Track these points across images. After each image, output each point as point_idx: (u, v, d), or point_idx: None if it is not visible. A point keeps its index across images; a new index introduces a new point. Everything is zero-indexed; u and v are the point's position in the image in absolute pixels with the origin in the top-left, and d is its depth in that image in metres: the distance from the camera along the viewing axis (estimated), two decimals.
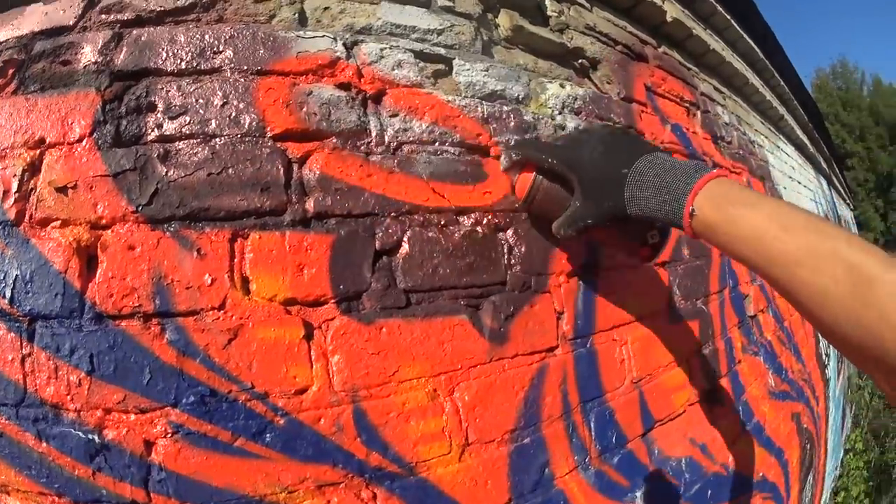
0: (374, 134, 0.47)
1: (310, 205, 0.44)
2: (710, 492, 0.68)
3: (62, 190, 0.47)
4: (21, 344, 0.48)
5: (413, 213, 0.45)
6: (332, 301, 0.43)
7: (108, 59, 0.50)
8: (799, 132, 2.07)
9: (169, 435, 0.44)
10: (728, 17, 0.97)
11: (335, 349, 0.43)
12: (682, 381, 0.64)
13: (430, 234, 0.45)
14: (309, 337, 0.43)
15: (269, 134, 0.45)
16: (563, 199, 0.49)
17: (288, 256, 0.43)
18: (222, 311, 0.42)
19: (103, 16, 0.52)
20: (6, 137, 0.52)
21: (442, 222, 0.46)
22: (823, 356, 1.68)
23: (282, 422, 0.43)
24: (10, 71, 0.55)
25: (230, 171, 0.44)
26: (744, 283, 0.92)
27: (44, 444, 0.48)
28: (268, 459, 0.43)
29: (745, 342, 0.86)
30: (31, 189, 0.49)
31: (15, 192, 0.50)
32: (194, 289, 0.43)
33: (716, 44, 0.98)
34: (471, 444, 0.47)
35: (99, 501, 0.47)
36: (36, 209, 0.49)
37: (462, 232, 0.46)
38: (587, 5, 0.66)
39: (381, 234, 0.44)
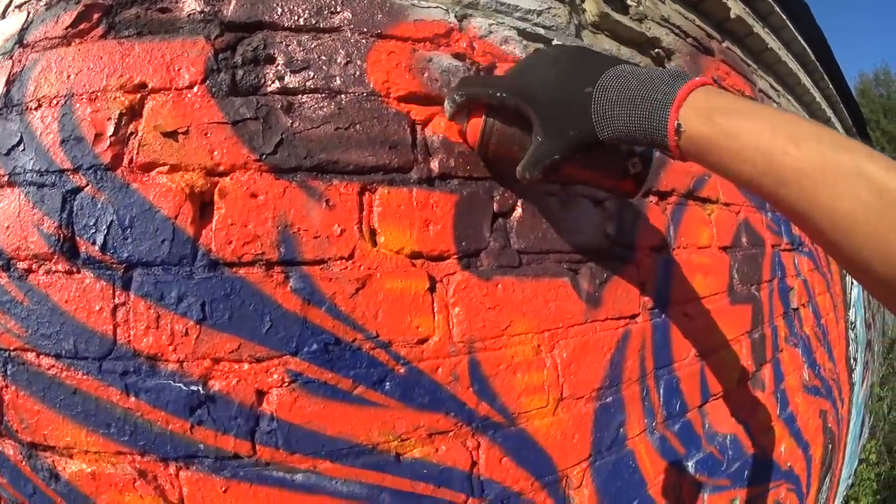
0: None
1: (434, 165, 0.47)
2: (746, 472, 0.77)
3: (171, 135, 0.48)
4: (114, 293, 0.48)
5: None
6: (455, 256, 0.47)
7: (216, 9, 0.52)
8: (843, 136, 2.26)
9: (286, 384, 0.45)
10: (784, 17, 1.08)
11: (456, 302, 0.47)
12: (735, 361, 0.73)
13: (541, 201, 0.50)
14: (432, 289, 0.46)
15: (393, 95, 0.48)
16: (522, 139, 0.45)
17: (415, 212, 0.46)
18: (351, 261, 0.45)
19: None
20: (96, 80, 0.52)
21: (551, 191, 0.50)
22: (852, 360, 1.83)
23: (402, 370, 0.45)
24: (96, 15, 0.55)
25: (357, 126, 0.47)
26: (790, 276, 1.03)
27: (132, 399, 0.48)
28: (385, 407, 0.46)
29: (788, 333, 0.97)
30: (131, 133, 0.50)
31: (111, 136, 0.50)
32: (322, 238, 0.45)
33: (773, 42, 1.09)
34: (564, 399, 0.51)
35: (194, 456, 0.48)
36: (138, 153, 0.49)
37: (567, 200, 0.52)
38: None
39: (497, 197, 0.49)
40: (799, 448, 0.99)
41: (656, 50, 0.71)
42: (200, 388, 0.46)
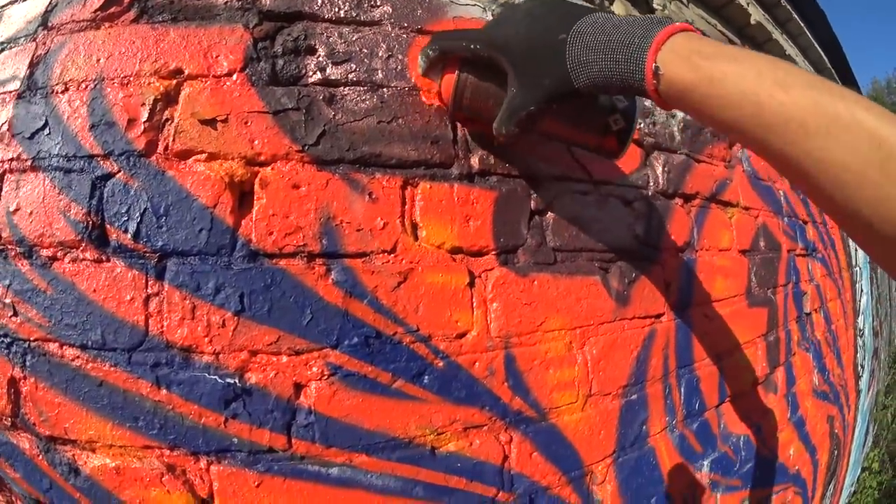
0: None
1: (474, 161, 0.49)
2: (757, 473, 0.80)
3: (209, 122, 0.49)
4: (146, 282, 0.48)
5: (562, 180, 0.51)
6: (493, 252, 0.48)
7: None
8: None
9: (325, 377, 0.46)
10: (801, 24, 1.12)
11: (494, 297, 0.48)
12: (750, 363, 0.77)
13: (573, 200, 0.52)
14: (472, 284, 0.47)
15: (434, 91, 0.49)
16: (498, 94, 0.45)
17: (456, 207, 0.47)
18: (393, 255, 0.46)
19: None
20: (128, 65, 0.52)
21: (584, 191, 0.52)
22: (859, 367, 1.89)
23: (441, 364, 0.47)
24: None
25: (400, 121, 0.48)
26: (804, 281, 1.08)
27: (163, 392, 0.48)
28: (423, 401, 0.47)
29: (800, 337, 1.01)
30: (167, 119, 0.50)
31: (145, 122, 0.50)
32: (365, 231, 0.46)
33: (790, 49, 1.14)
34: (593, 395, 0.53)
35: (226, 451, 0.48)
36: (174, 140, 0.49)
37: (599, 201, 0.53)
38: (685, 1, 0.77)
39: (535, 196, 0.50)
40: (807, 452, 1.03)
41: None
42: (237, 381, 0.46)
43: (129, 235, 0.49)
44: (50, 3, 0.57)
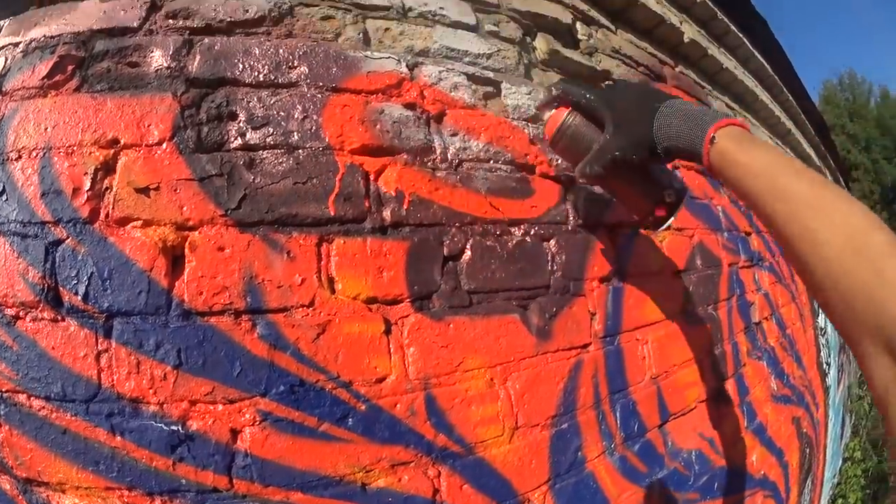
0: (438, 151, 0.58)
1: (387, 214, 0.54)
2: (716, 484, 0.84)
3: (143, 191, 0.55)
4: (97, 340, 0.55)
5: (474, 223, 0.56)
6: (408, 300, 0.54)
7: (182, 65, 0.58)
8: (805, 146, 2.33)
9: (257, 423, 0.53)
10: (740, 34, 1.13)
11: (410, 342, 0.54)
12: (694, 379, 0.80)
13: (488, 243, 0.57)
14: (388, 332, 0.53)
15: (347, 148, 0.55)
16: (591, 140, 0.57)
17: (370, 260, 0.53)
18: (311, 309, 0.52)
19: (170, 21, 0.59)
20: (72, 134, 0.59)
21: (498, 232, 0.57)
22: (824, 365, 1.92)
23: (363, 407, 0.53)
24: (70, 67, 0.61)
25: (315, 180, 0.53)
26: (750, 292, 1.10)
27: (118, 438, 0.55)
28: (349, 442, 0.53)
29: (751, 347, 1.04)
30: (107, 188, 0.56)
31: (87, 191, 0.56)
32: (285, 287, 0.52)
33: (728, 62, 1.15)
34: (519, 428, 0.59)
35: (177, 491, 0.55)
36: (113, 208, 0.56)
37: (514, 241, 0.59)
38: (612, 28, 0.80)
39: (448, 242, 0.56)
40: (772, 455, 1.07)
41: (607, 82, 0.77)
42: (180, 428, 0.54)
43: (79, 297, 0.57)
44: (4, 66, 0.64)
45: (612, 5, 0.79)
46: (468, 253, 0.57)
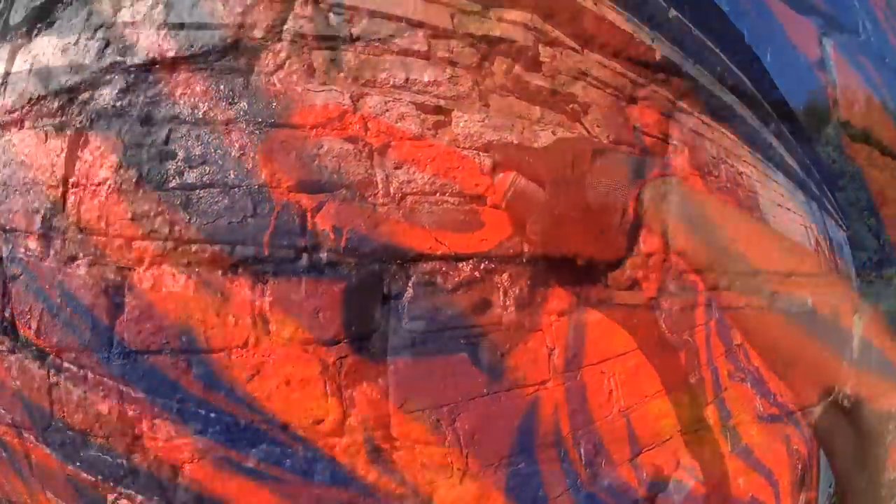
0: (380, 185, 0.56)
1: (323, 253, 0.53)
2: None
3: (88, 230, 0.56)
4: (48, 373, 0.57)
5: (417, 260, 0.54)
6: (345, 341, 0.52)
7: (127, 102, 0.57)
8: (788, 158, 2.17)
9: (196, 460, 0.53)
10: (716, 49, 1.05)
11: (348, 384, 0.53)
12: (668, 409, 0.75)
13: (433, 280, 0.55)
14: (324, 373, 0.52)
15: (283, 185, 0.53)
16: (540, 196, 0.57)
17: (304, 301, 0.52)
18: (245, 350, 0.51)
19: (119, 58, 0.59)
20: (26, 173, 0.60)
21: (443, 268, 0.55)
22: None
23: (301, 450, 0.52)
24: (25, 106, 0.62)
25: (250, 220, 0.53)
26: None
27: (70, 467, 0.57)
28: (288, 483, 0.53)
29: (732, 369, 0.98)
30: (56, 227, 0.57)
31: (39, 229, 0.57)
32: (219, 329, 0.52)
33: (703, 78, 1.07)
34: (470, 469, 0.57)
35: None
36: (62, 247, 0.57)
37: (462, 277, 0.56)
38: (578, 48, 0.75)
39: (388, 280, 0.54)
40: (761, 476, 1.00)
41: (571, 105, 0.72)
42: (125, 462, 0.56)
43: (32, 332, 0.59)
44: None
45: (578, 27, 0.74)
46: (410, 291, 0.55)
